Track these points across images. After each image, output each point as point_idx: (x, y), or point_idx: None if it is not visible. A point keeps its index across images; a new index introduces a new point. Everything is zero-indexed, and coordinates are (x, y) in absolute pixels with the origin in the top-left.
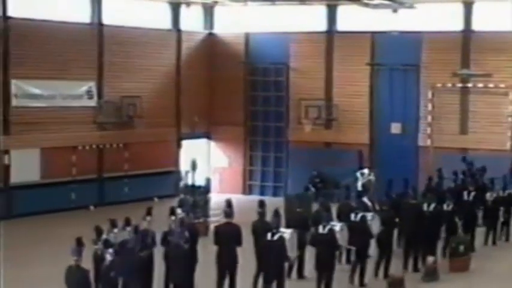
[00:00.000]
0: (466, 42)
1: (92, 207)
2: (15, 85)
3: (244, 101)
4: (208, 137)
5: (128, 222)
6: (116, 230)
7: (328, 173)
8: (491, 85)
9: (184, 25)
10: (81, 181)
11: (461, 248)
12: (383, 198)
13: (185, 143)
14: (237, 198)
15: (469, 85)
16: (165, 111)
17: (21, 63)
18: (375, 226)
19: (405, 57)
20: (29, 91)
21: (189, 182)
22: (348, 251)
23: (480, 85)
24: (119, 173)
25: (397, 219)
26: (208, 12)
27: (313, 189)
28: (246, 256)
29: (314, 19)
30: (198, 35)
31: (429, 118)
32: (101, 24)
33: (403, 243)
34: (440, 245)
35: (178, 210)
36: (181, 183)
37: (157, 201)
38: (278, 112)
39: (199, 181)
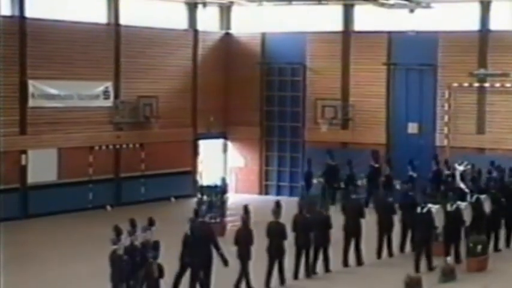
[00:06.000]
0: (483, 42)
1: (108, 207)
2: (32, 85)
3: (260, 101)
4: (225, 137)
5: (151, 223)
6: (139, 231)
7: (345, 173)
8: (508, 85)
9: (200, 25)
10: (97, 181)
11: (479, 248)
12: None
13: (202, 143)
14: (254, 198)
15: (486, 85)
16: (181, 111)
17: (38, 63)
18: (486, 206)
19: (422, 57)
20: (46, 91)
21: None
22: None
23: (497, 85)
24: (135, 173)
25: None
26: (225, 12)
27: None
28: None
29: (330, 19)
30: (215, 35)
31: (446, 118)
32: (117, 25)
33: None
34: None
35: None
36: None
37: (174, 201)
38: (294, 112)
39: (216, 181)
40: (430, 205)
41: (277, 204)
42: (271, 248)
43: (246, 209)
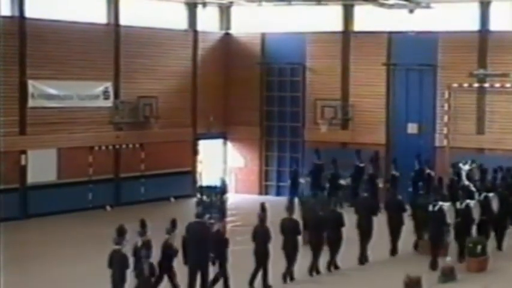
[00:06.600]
0: (483, 42)
1: (108, 208)
2: (32, 85)
3: (260, 101)
4: (225, 137)
5: (174, 225)
6: (149, 232)
7: (344, 174)
8: (508, 85)
9: (200, 25)
10: (97, 181)
11: (479, 248)
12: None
13: (201, 143)
14: (253, 198)
15: (486, 85)
16: (181, 112)
17: (37, 63)
18: (494, 204)
19: (421, 57)
20: (46, 91)
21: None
22: None
23: (497, 85)
24: (135, 173)
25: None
26: (225, 12)
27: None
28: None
29: (330, 19)
30: (214, 35)
31: (446, 118)
32: (117, 25)
33: None
34: None
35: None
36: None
37: (173, 201)
38: (294, 112)
39: (216, 181)
40: (441, 203)
41: (290, 201)
42: (288, 245)
43: (262, 206)
